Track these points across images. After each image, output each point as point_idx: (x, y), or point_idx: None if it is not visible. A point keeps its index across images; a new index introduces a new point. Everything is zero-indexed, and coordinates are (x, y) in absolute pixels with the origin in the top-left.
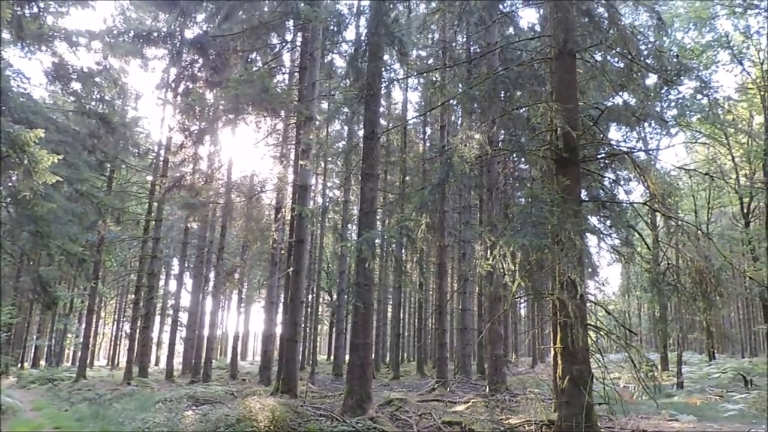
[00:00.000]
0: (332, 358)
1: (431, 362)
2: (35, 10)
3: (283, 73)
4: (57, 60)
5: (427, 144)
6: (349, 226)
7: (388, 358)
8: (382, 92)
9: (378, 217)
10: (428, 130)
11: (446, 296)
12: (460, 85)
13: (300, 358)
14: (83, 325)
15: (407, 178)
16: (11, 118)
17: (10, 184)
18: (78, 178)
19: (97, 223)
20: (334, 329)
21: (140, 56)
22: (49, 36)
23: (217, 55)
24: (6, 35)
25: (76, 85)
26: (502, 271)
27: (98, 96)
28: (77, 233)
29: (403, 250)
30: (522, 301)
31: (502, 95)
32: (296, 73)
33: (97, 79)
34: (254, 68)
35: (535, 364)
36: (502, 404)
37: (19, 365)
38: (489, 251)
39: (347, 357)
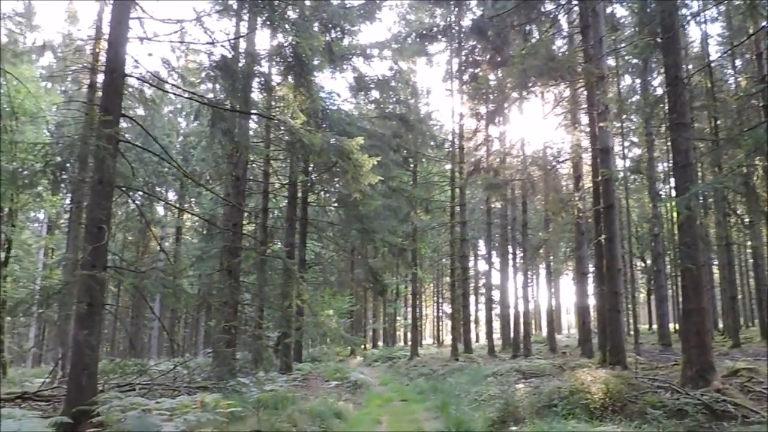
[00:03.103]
0: (655, 327)
1: None
2: (338, 33)
3: (563, 38)
4: (357, 74)
5: (739, 80)
6: (659, 185)
7: (720, 325)
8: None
9: None
10: (738, 64)
11: None
12: None
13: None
14: (409, 308)
15: (719, 122)
16: (335, 132)
17: (334, 189)
18: (389, 176)
19: (410, 215)
20: (652, 296)
21: (425, 54)
22: (349, 54)
23: (496, 35)
24: (316, 62)
25: (375, 93)
26: None
27: (394, 99)
28: (395, 226)
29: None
30: None
31: None
32: (576, 35)
33: (392, 84)
34: (532, 40)
35: None
36: None
37: (363, 346)
38: None
39: (671, 325)
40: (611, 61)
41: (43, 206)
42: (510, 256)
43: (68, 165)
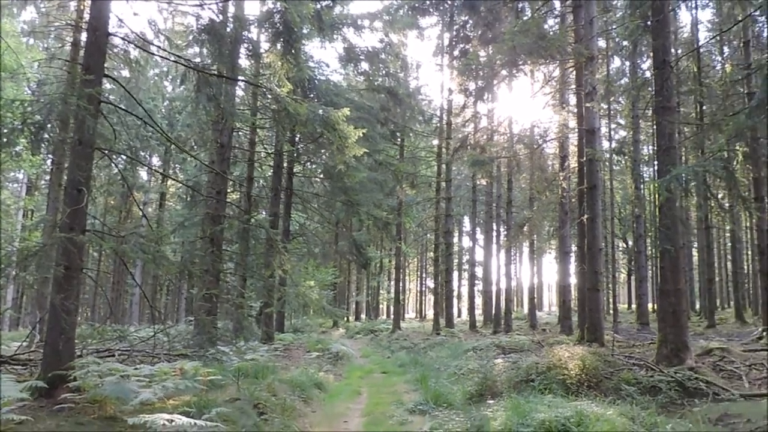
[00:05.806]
0: (634, 306)
1: (751, 309)
2: (328, 1)
3: (555, 17)
4: (347, 45)
5: (725, 66)
6: (643, 167)
7: (697, 306)
8: None
9: None
10: (725, 50)
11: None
12: None
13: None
14: (392, 282)
15: (705, 107)
16: (322, 102)
17: (320, 160)
18: (375, 149)
19: (395, 189)
20: (633, 277)
21: (416, 27)
22: (339, 24)
23: (488, 11)
24: (305, 30)
25: (365, 65)
26: None
27: (384, 72)
28: (380, 199)
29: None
30: None
31: None
32: (568, 14)
33: (382, 56)
34: (524, 17)
35: None
36: None
37: (346, 319)
38: None
39: (650, 305)
40: (602, 42)
41: (22, 166)
42: (494, 234)
43: (48, 124)
